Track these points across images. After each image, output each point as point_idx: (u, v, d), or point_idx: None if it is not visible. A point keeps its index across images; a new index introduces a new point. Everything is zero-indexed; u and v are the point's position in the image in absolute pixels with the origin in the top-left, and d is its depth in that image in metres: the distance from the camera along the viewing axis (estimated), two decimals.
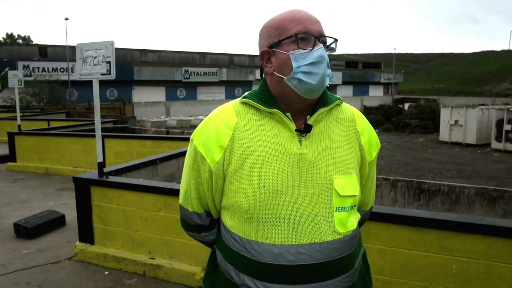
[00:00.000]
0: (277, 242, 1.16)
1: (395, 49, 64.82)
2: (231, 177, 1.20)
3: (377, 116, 27.44)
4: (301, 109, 1.23)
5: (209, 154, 1.22)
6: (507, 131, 16.27)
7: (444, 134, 19.30)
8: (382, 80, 53.41)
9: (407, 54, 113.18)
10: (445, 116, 19.26)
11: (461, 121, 18.41)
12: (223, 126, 1.22)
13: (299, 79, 1.17)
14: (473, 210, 4.79)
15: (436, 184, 5.07)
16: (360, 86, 49.93)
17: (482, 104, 23.37)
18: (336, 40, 1.24)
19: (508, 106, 19.80)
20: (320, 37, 1.19)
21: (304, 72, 1.16)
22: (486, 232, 2.50)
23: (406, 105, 31.54)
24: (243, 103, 1.26)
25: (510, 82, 67.15)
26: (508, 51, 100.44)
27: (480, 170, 12.61)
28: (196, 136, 1.27)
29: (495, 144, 16.92)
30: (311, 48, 1.17)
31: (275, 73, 1.22)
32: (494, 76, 72.57)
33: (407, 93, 57.62)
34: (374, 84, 52.63)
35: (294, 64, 1.17)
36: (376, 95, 50.47)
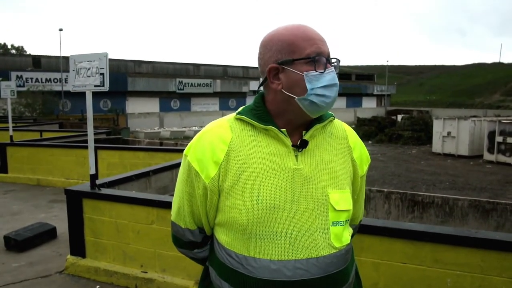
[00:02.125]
0: (274, 258, 1.15)
1: (388, 61, 65.46)
2: (226, 193, 1.19)
3: (370, 128, 27.58)
4: (298, 125, 1.23)
5: (204, 170, 1.20)
6: (499, 143, 16.41)
7: (437, 145, 19.43)
8: (375, 92, 53.77)
9: (399, 66, 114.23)
10: (438, 127, 19.41)
11: (454, 132, 18.56)
12: (218, 141, 1.21)
13: (311, 101, 1.17)
14: (467, 223, 4.80)
15: (429, 196, 5.08)
16: (353, 97, 50.20)
17: (474, 116, 23.58)
18: (339, 60, 1.24)
19: (499, 118, 20.03)
20: (329, 59, 1.20)
21: (317, 95, 1.17)
22: (480, 245, 2.49)
23: (399, 117, 31.75)
24: (237, 119, 1.25)
25: (501, 94, 67.93)
26: (499, 63, 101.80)
27: (473, 181, 12.68)
28: (190, 152, 1.25)
29: (487, 156, 17.04)
30: (322, 71, 1.17)
31: (283, 91, 1.20)
32: (485, 89, 73.38)
33: (400, 105, 58.03)
34: (367, 96, 52.97)
35: (309, 86, 1.17)
36: (369, 107, 50.77)
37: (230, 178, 1.18)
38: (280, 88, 1.20)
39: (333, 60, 1.23)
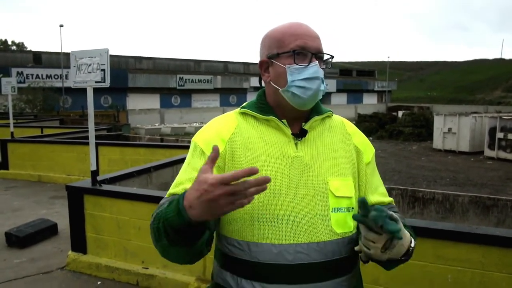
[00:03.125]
0: (275, 242, 1.17)
1: (388, 57, 65.40)
2: None
3: (371, 124, 27.52)
4: (295, 117, 1.29)
5: (209, 148, 1.23)
6: (500, 139, 16.38)
7: (438, 141, 19.39)
8: (376, 88, 53.68)
9: (400, 62, 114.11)
10: (439, 124, 19.36)
11: (454, 129, 18.51)
12: (224, 125, 1.29)
13: (293, 92, 1.23)
14: (467, 219, 4.80)
15: (430, 193, 5.09)
16: (354, 94, 50.16)
17: (475, 112, 23.49)
18: (332, 57, 1.30)
19: (500, 114, 19.97)
20: (317, 54, 1.25)
21: (298, 87, 1.23)
22: (481, 241, 2.50)
23: (400, 113, 31.64)
24: (241, 113, 1.32)
25: (502, 90, 67.82)
26: (500, 59, 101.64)
27: (474, 177, 12.67)
28: (196, 136, 1.32)
29: (488, 152, 17.01)
30: (306, 64, 1.23)
31: (271, 83, 1.29)
32: (486, 85, 73.27)
33: (401, 101, 57.90)
34: (368, 92, 52.88)
35: (289, 78, 1.24)
36: (370, 103, 50.69)
37: (236, 159, 1.23)
38: (269, 81, 1.29)
39: (326, 57, 1.29)
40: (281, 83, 1.25)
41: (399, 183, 10.87)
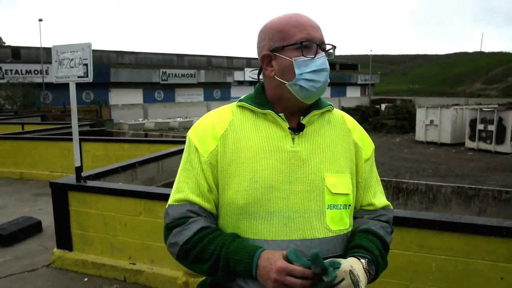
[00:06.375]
0: (268, 238, 1.16)
1: (371, 50, 65.87)
2: (225, 171, 1.21)
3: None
4: (295, 111, 1.26)
5: (202, 145, 1.23)
6: (480, 131, 16.72)
7: (420, 134, 19.70)
8: (359, 81, 54.11)
9: (383, 55, 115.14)
10: (421, 116, 19.66)
11: (436, 121, 18.82)
12: (218, 121, 1.26)
13: (301, 86, 1.20)
14: (450, 209, 4.90)
15: (414, 184, 5.17)
16: (337, 87, 50.42)
17: (456, 104, 23.91)
18: (334, 47, 1.27)
19: (480, 106, 20.37)
20: (321, 45, 1.22)
21: (306, 79, 1.20)
22: (464, 230, 2.55)
23: (383, 106, 31.97)
24: (239, 106, 1.30)
25: (482, 83, 69.07)
26: (480, 52, 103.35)
27: (455, 168, 12.92)
28: (191, 132, 1.30)
29: (468, 143, 17.36)
30: (313, 56, 1.20)
31: (276, 77, 1.24)
32: (467, 77, 74.51)
33: (384, 94, 58.48)
34: (351, 85, 53.25)
35: (297, 71, 1.20)
36: (353, 96, 51.04)
37: (228, 156, 1.21)
38: (273, 75, 1.25)
39: (328, 47, 1.26)
40: (288, 76, 1.21)
41: (383, 175, 10.98)
